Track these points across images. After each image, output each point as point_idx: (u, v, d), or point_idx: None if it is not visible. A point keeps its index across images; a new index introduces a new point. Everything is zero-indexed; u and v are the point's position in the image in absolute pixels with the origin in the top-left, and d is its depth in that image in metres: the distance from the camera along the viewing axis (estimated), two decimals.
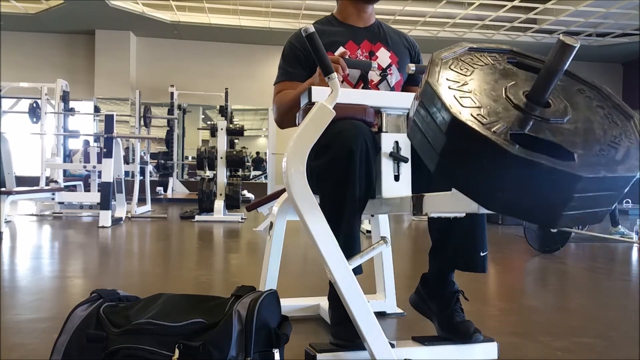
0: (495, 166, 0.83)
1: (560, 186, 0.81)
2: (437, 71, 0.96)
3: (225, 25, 9.99)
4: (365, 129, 1.44)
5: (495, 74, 0.99)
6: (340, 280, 1.25)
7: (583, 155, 0.84)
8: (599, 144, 0.88)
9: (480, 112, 0.87)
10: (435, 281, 1.58)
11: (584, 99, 0.99)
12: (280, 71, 1.80)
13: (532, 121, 0.88)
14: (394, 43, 1.83)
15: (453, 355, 1.49)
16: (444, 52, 1.02)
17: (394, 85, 1.80)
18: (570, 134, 0.88)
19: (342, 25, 1.82)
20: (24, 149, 8.65)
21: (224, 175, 5.96)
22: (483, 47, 1.07)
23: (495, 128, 0.84)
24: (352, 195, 1.41)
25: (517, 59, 1.06)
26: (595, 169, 0.81)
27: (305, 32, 1.25)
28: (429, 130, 0.94)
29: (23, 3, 9.24)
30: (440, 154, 0.91)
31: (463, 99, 0.90)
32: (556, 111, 0.91)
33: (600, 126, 0.93)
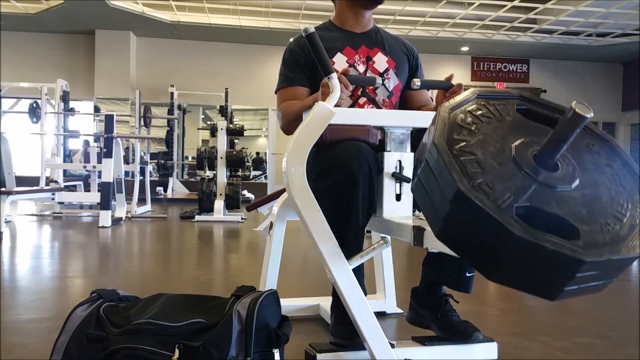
0: (498, 242, 0.83)
1: (564, 267, 0.81)
2: (444, 128, 0.93)
3: (225, 25, 9.98)
4: (368, 152, 1.42)
5: (504, 128, 0.97)
6: (340, 280, 1.25)
7: (588, 232, 0.83)
8: (604, 215, 0.87)
9: (486, 180, 0.86)
10: (424, 291, 1.62)
11: (593, 156, 0.97)
12: (282, 77, 1.78)
13: (538, 189, 0.87)
14: (392, 48, 1.82)
15: (453, 355, 1.50)
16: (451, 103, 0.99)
17: (392, 90, 1.79)
18: (576, 203, 0.87)
19: (339, 31, 1.80)
20: (24, 149, 8.65)
21: (224, 175, 5.96)
22: (491, 93, 1.03)
23: (501, 201, 0.83)
24: (356, 222, 1.40)
25: (526, 106, 1.03)
26: (599, 251, 0.81)
27: (305, 32, 1.25)
28: (434, 193, 0.93)
29: (23, 3, 9.23)
30: (443, 219, 0.91)
31: (469, 163, 0.88)
32: (564, 176, 0.90)
33: (607, 191, 0.92)
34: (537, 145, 0.92)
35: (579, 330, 1.92)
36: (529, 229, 0.80)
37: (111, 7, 9.00)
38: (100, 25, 10.21)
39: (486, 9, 9.18)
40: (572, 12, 8.95)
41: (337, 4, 1.83)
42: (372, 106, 1.75)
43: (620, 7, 8.57)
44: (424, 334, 1.58)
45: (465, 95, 1.01)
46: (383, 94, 1.76)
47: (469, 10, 9.07)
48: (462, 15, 9.34)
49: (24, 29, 10.38)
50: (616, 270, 0.88)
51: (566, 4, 8.82)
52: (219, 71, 10.99)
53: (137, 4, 9.36)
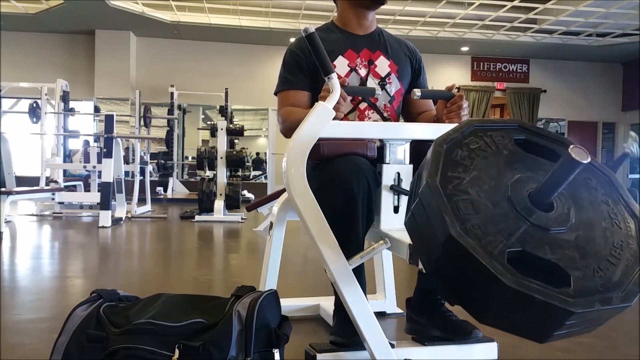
0: (488, 289, 0.83)
1: (553, 316, 0.81)
2: (439, 166, 0.92)
3: (225, 25, 9.98)
4: (367, 167, 1.40)
5: (500, 163, 0.95)
6: (340, 280, 1.25)
7: (579, 280, 0.83)
8: (597, 259, 0.87)
9: (479, 224, 0.85)
10: (419, 299, 1.62)
11: (589, 192, 0.96)
12: (282, 79, 1.76)
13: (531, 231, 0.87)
14: (394, 51, 1.79)
15: (453, 355, 1.50)
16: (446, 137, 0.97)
17: (394, 94, 1.77)
18: (569, 247, 0.87)
19: (341, 33, 1.78)
20: (24, 149, 8.64)
21: (224, 175, 5.96)
22: (488, 123, 1.01)
23: (492, 247, 0.83)
24: (357, 236, 1.40)
25: (524, 137, 1.01)
26: (589, 301, 0.81)
27: (306, 32, 1.25)
28: (426, 232, 0.93)
29: (23, 3, 9.23)
30: (435, 262, 0.91)
31: (462, 203, 0.88)
32: (558, 217, 0.89)
33: (601, 232, 0.91)
34: (533, 182, 0.91)
35: None
36: (519, 279, 0.80)
37: (111, 7, 9.00)
38: (100, 25, 10.20)
39: (486, 9, 9.17)
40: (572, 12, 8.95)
41: (339, 5, 1.81)
42: (373, 111, 1.73)
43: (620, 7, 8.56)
44: None
45: (461, 127, 0.99)
46: (384, 99, 1.75)
47: (469, 10, 9.07)
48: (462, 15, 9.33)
49: (24, 29, 10.37)
50: (606, 317, 0.88)
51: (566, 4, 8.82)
52: (219, 71, 10.99)
53: (137, 4, 9.35)
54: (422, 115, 1.82)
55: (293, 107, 1.71)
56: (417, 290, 1.64)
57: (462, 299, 0.92)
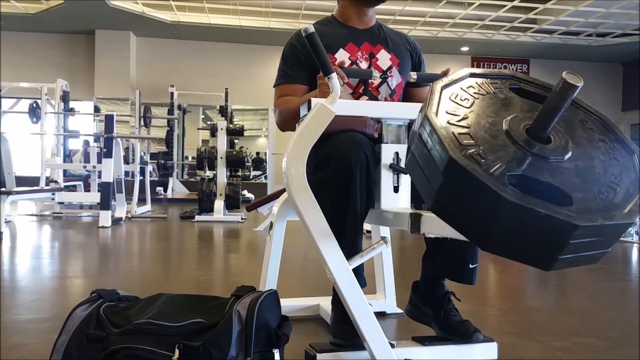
0: (491, 210, 0.83)
1: (557, 233, 0.80)
2: (437, 103, 0.94)
3: (225, 25, 9.98)
4: (365, 142, 1.42)
5: (497, 104, 0.97)
6: (340, 280, 1.25)
7: (581, 199, 0.83)
8: (598, 184, 0.87)
9: (479, 151, 0.86)
10: (426, 286, 1.60)
11: (586, 132, 0.97)
12: (280, 73, 1.78)
13: (531, 160, 0.87)
14: (395, 45, 1.81)
15: (453, 355, 1.50)
16: (444, 81, 1.00)
17: (395, 87, 1.78)
18: (569, 173, 0.87)
19: (342, 27, 1.80)
20: (24, 149, 8.64)
21: (224, 175, 5.96)
22: (485, 72, 1.04)
23: (493, 170, 0.83)
24: (354, 210, 1.40)
25: (519, 85, 1.04)
26: (592, 216, 0.80)
27: (305, 33, 1.25)
28: (427, 166, 0.93)
29: (23, 3, 9.24)
30: (437, 192, 0.90)
31: (462, 135, 0.88)
32: (556, 148, 0.90)
33: (600, 163, 0.91)
34: (530, 120, 0.92)
35: (579, 330, 1.92)
36: (521, 195, 0.80)
37: (111, 7, 9.00)
38: (100, 25, 10.21)
39: (486, 9, 9.18)
40: (572, 12, 8.95)
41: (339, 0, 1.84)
42: None
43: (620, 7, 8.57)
44: (424, 334, 1.57)
45: (459, 74, 1.02)
46: (385, 92, 1.76)
47: (469, 10, 9.07)
48: (462, 15, 9.34)
49: (24, 29, 10.38)
50: (611, 238, 0.87)
51: (566, 4, 8.82)
52: (219, 71, 10.99)
53: (137, 4, 9.36)
54: None
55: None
56: (424, 277, 1.62)
57: (464, 228, 0.91)
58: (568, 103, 0.87)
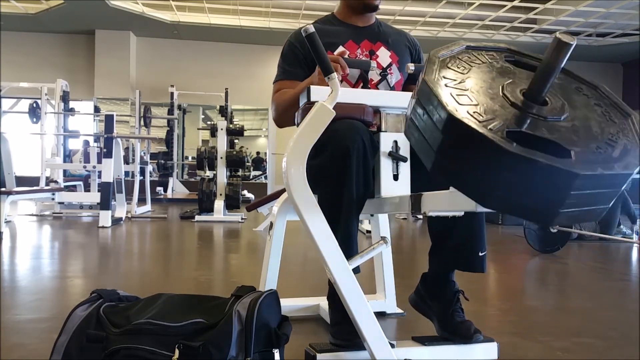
0: (491, 164, 0.83)
1: (557, 183, 0.81)
2: (434, 69, 0.95)
3: (225, 25, 9.98)
4: (363, 128, 1.43)
5: (493, 72, 0.99)
6: (340, 280, 1.24)
7: (580, 153, 0.83)
8: (596, 141, 0.88)
9: (477, 110, 0.87)
10: (436, 281, 1.58)
11: (582, 98, 0.99)
12: (280, 70, 1.79)
13: (529, 119, 0.88)
14: (394, 42, 1.83)
15: (453, 355, 1.49)
16: (441, 51, 1.02)
17: (394, 85, 1.79)
18: (567, 131, 0.88)
19: (342, 25, 1.81)
20: (24, 149, 8.64)
21: (224, 175, 5.96)
22: (481, 45, 1.06)
23: (492, 126, 0.84)
24: (350, 194, 1.40)
25: (514, 57, 1.06)
26: (591, 166, 0.81)
27: (305, 32, 1.25)
28: (426, 128, 0.93)
29: (23, 3, 9.24)
30: (436, 152, 0.91)
31: (460, 96, 0.90)
32: (553, 109, 0.91)
33: (597, 124, 0.92)
34: (526, 86, 0.94)
35: (579, 330, 1.92)
36: (521, 147, 0.80)
37: (111, 7, 9.00)
38: (100, 25, 10.21)
39: (486, 9, 9.18)
40: (572, 12, 8.95)
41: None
42: None
43: (620, 7, 8.57)
44: (424, 334, 1.57)
45: (455, 45, 1.04)
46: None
47: (469, 10, 9.07)
48: (462, 15, 9.34)
49: (24, 29, 10.37)
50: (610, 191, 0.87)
51: (566, 4, 8.82)
52: (219, 71, 10.99)
53: (137, 4, 9.36)
54: None
55: None
56: (433, 271, 1.60)
57: (465, 185, 0.91)
58: (563, 62, 0.88)
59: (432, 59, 0.98)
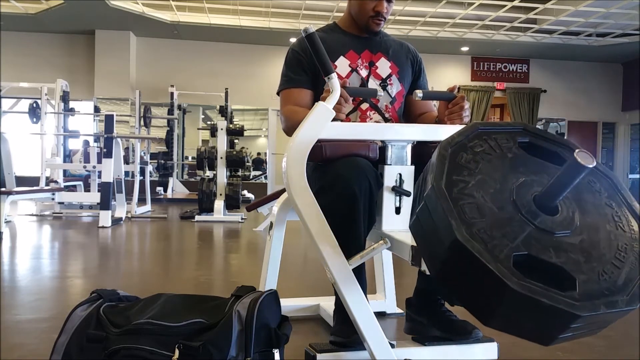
0: (495, 293, 0.84)
1: (559, 319, 0.82)
2: (444, 170, 0.93)
3: (225, 25, 9.98)
4: (369, 168, 1.41)
5: (504, 166, 0.96)
6: (340, 280, 1.25)
7: (585, 282, 0.84)
8: (602, 262, 0.88)
9: (485, 228, 0.86)
10: (419, 299, 1.62)
11: (593, 196, 0.97)
12: (284, 78, 1.78)
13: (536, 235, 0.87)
14: (395, 53, 1.82)
15: (453, 355, 1.50)
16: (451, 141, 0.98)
17: (395, 95, 1.79)
18: (574, 250, 0.87)
19: (343, 34, 1.81)
20: (24, 149, 8.64)
21: (224, 175, 5.96)
22: (493, 127, 1.02)
23: (498, 251, 0.83)
24: (357, 238, 1.39)
25: (527, 139, 1.02)
26: (595, 304, 0.82)
27: (305, 32, 1.25)
28: (432, 235, 0.93)
29: (23, 3, 9.23)
30: (441, 264, 0.91)
31: (467, 207, 0.88)
32: (563, 221, 0.90)
33: (606, 235, 0.92)
34: (538, 186, 0.92)
35: None
36: (525, 283, 0.81)
37: (111, 7, 9.00)
38: (100, 25, 10.20)
39: (486, 9, 9.17)
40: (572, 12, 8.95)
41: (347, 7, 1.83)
42: (375, 112, 1.75)
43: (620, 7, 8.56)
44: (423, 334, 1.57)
45: (465, 130, 1.00)
46: (386, 100, 1.76)
47: (469, 10, 9.07)
48: (462, 15, 9.33)
49: (24, 29, 10.37)
50: (611, 320, 0.89)
51: (566, 4, 8.82)
52: (219, 71, 10.98)
53: (137, 4, 9.35)
54: (423, 116, 1.83)
55: (296, 106, 1.72)
56: (417, 290, 1.64)
57: (467, 303, 0.93)
58: (577, 181, 0.87)
59: (442, 154, 0.95)
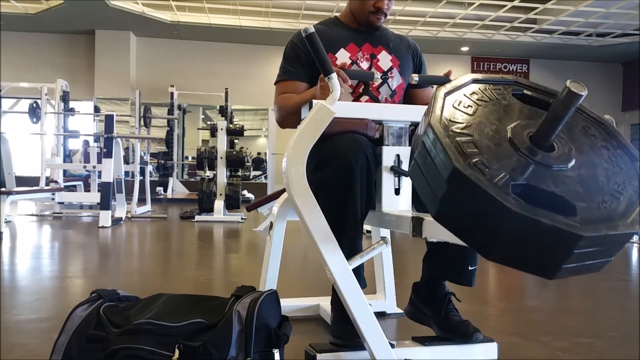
0: (495, 220, 0.83)
1: (561, 242, 0.80)
2: (440, 111, 0.94)
3: (225, 25, 9.98)
4: (366, 143, 1.42)
5: (499, 111, 0.97)
6: (340, 280, 1.25)
7: (585, 209, 0.83)
8: (601, 193, 0.87)
9: (483, 160, 0.86)
10: (427, 287, 1.61)
11: (589, 139, 0.98)
12: (282, 70, 1.80)
13: (534, 169, 0.87)
14: (396, 46, 1.83)
15: (453, 355, 1.50)
16: (447, 87, 1.00)
17: (396, 88, 1.79)
18: (572, 182, 0.87)
19: (344, 28, 1.82)
20: (24, 149, 8.64)
21: (224, 175, 5.96)
22: (487, 78, 1.04)
23: (497, 179, 0.83)
24: (354, 211, 1.40)
25: (521, 91, 1.04)
26: (596, 227, 0.81)
27: (305, 33, 1.25)
28: (430, 174, 0.93)
29: (23, 3, 9.23)
30: (440, 201, 0.91)
31: (465, 143, 0.89)
32: (560, 156, 0.90)
33: (603, 171, 0.92)
34: (533, 128, 0.93)
35: (579, 330, 1.92)
36: (525, 205, 0.80)
37: (111, 7, 9.00)
38: (100, 25, 10.21)
39: (486, 9, 9.18)
40: (572, 12, 8.95)
41: (348, 2, 1.84)
42: None
43: (620, 7, 8.57)
44: (424, 334, 1.57)
45: (462, 80, 1.02)
46: (386, 93, 1.77)
47: (469, 10, 9.07)
48: (462, 15, 9.34)
49: (24, 29, 10.37)
50: (614, 247, 0.87)
51: (566, 4, 8.82)
52: (219, 71, 10.99)
53: (137, 4, 9.36)
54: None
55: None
56: (425, 278, 1.62)
57: (467, 237, 0.91)
58: (572, 112, 0.87)
59: (437, 98, 0.97)
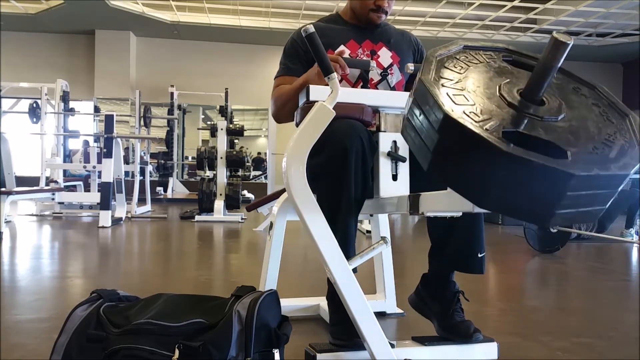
0: (487, 164, 0.83)
1: (553, 184, 0.80)
2: (431, 69, 0.96)
3: (225, 25, 9.98)
4: (362, 128, 1.43)
5: (490, 72, 0.99)
6: (340, 280, 1.25)
7: (576, 153, 0.83)
8: (592, 142, 0.88)
9: (474, 110, 0.87)
10: (436, 282, 1.59)
11: (579, 98, 0.99)
12: (281, 66, 1.81)
13: (525, 119, 0.88)
14: (396, 42, 1.83)
15: (453, 355, 1.50)
16: (439, 50, 1.02)
17: (395, 85, 1.80)
18: (563, 132, 0.88)
19: (345, 24, 1.83)
20: (24, 149, 8.64)
21: (224, 175, 5.96)
22: (478, 45, 1.06)
23: (488, 126, 0.84)
24: (348, 194, 1.40)
25: (512, 57, 1.06)
26: (588, 167, 0.81)
27: (305, 32, 1.25)
28: (422, 128, 0.94)
29: (23, 3, 9.23)
30: (433, 152, 0.91)
31: (456, 96, 0.90)
32: (550, 109, 0.90)
33: (594, 124, 0.92)
34: (523, 86, 0.93)
35: (579, 330, 1.92)
36: (515, 147, 0.80)
37: (111, 7, 9.00)
38: (100, 25, 10.20)
39: (486, 9, 9.17)
40: (572, 12, 8.95)
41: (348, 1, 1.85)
42: None
43: (620, 7, 8.56)
44: (424, 334, 1.57)
45: (453, 44, 1.04)
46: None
47: (469, 10, 9.07)
48: (462, 15, 9.33)
49: (24, 29, 10.37)
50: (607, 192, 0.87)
51: (566, 4, 8.82)
52: (219, 71, 10.99)
53: (137, 4, 9.36)
54: None
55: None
56: (433, 273, 1.61)
57: (461, 185, 0.91)
58: (560, 62, 0.87)
59: (429, 58, 0.99)
